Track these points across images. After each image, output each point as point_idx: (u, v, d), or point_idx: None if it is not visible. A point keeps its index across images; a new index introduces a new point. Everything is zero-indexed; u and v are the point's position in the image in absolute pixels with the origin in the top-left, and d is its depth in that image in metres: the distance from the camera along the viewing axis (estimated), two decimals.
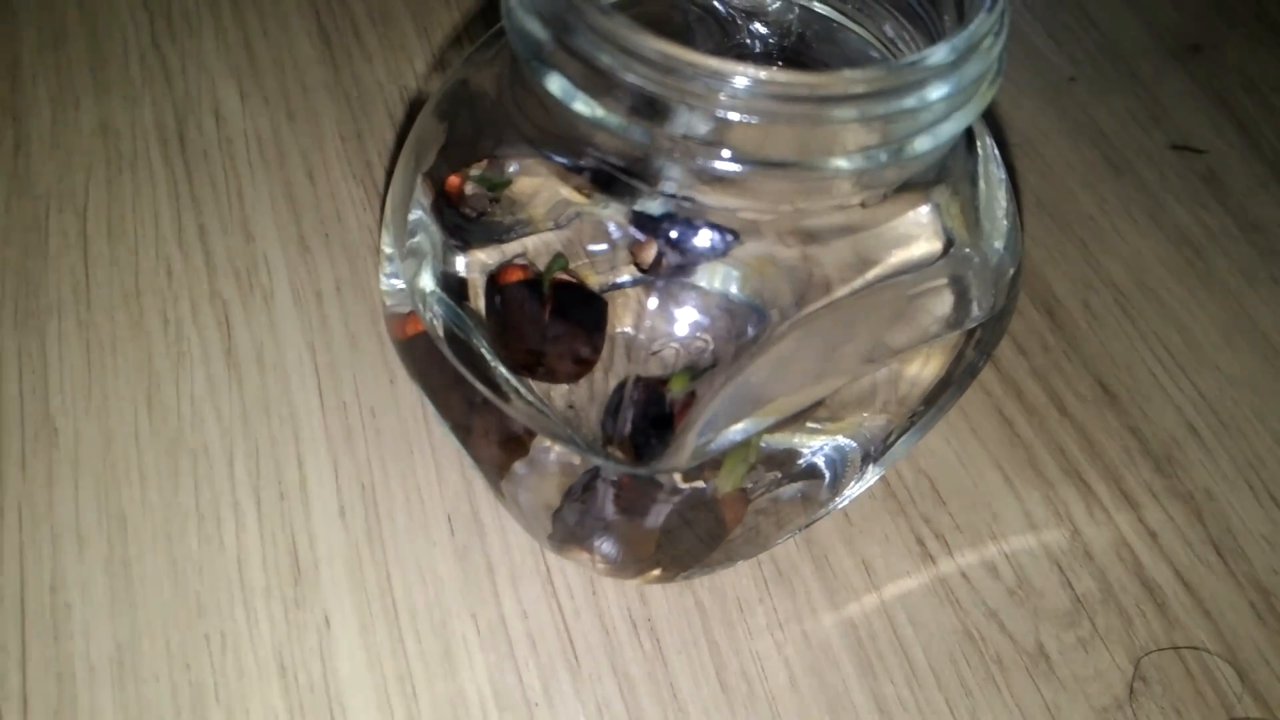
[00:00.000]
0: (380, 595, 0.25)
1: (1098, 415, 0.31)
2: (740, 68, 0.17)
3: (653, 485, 0.23)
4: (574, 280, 0.26)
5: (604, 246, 0.25)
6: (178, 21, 0.36)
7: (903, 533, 0.28)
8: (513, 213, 0.25)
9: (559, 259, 0.25)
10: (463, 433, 0.25)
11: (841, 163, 0.18)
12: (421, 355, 0.25)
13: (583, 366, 0.25)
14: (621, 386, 0.24)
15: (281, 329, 0.29)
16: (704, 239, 0.21)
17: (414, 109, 0.35)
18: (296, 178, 0.32)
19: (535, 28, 0.19)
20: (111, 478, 0.26)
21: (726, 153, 0.18)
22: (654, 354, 0.25)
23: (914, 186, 0.20)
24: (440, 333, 0.24)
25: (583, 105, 0.18)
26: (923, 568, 0.27)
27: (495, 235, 0.25)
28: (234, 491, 0.27)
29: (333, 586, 0.25)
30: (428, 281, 0.24)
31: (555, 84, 0.19)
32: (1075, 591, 0.27)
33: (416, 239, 0.24)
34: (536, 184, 0.25)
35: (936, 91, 0.17)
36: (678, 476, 0.23)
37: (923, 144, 0.18)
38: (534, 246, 0.25)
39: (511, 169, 0.25)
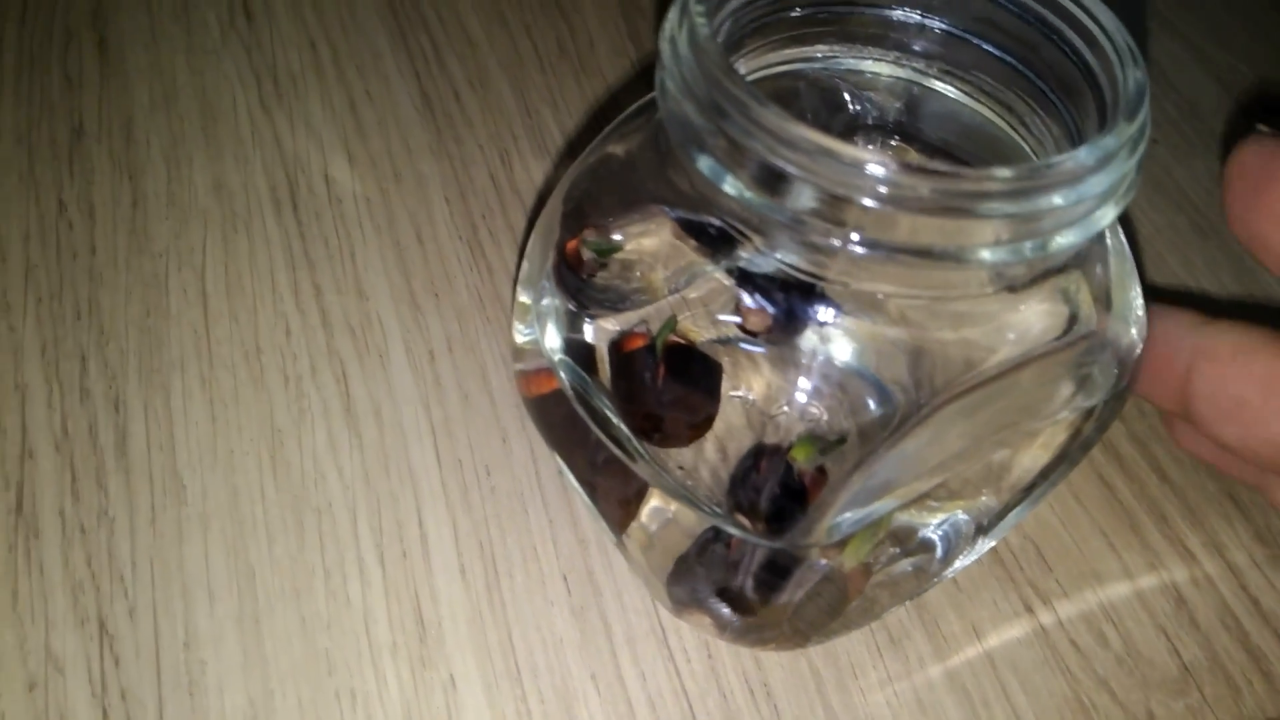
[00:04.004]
0: (503, 654, 0.26)
1: (1196, 481, 0.31)
2: (895, 164, 0.17)
3: (792, 560, 0.23)
4: (686, 343, 0.26)
5: (729, 313, 0.25)
6: (284, 82, 0.37)
7: (1010, 599, 0.28)
8: (628, 279, 0.26)
9: (669, 321, 0.25)
10: (589, 489, 0.26)
11: (984, 254, 0.18)
12: (551, 412, 0.26)
13: (698, 430, 0.26)
14: (753, 456, 0.24)
15: (397, 387, 0.30)
16: (827, 313, 0.22)
17: (517, 172, 0.36)
18: (405, 238, 0.33)
19: (690, 111, 0.19)
20: (239, 534, 0.27)
21: (870, 238, 0.18)
22: (771, 418, 0.25)
23: (1049, 273, 0.21)
24: (571, 393, 0.25)
25: (730, 187, 0.19)
26: (1033, 635, 0.28)
27: (612, 302, 0.26)
28: (358, 548, 0.27)
29: (457, 645, 0.26)
30: (554, 344, 0.25)
31: (705, 164, 0.19)
32: (1183, 659, 0.28)
33: (544, 302, 0.25)
34: (654, 249, 0.26)
35: (1083, 191, 0.18)
36: (815, 551, 0.23)
37: (1066, 239, 0.19)
38: (655, 313, 0.26)
39: (616, 237, 0.26)
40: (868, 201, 0.18)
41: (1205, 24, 0.45)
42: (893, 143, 0.26)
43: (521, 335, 0.26)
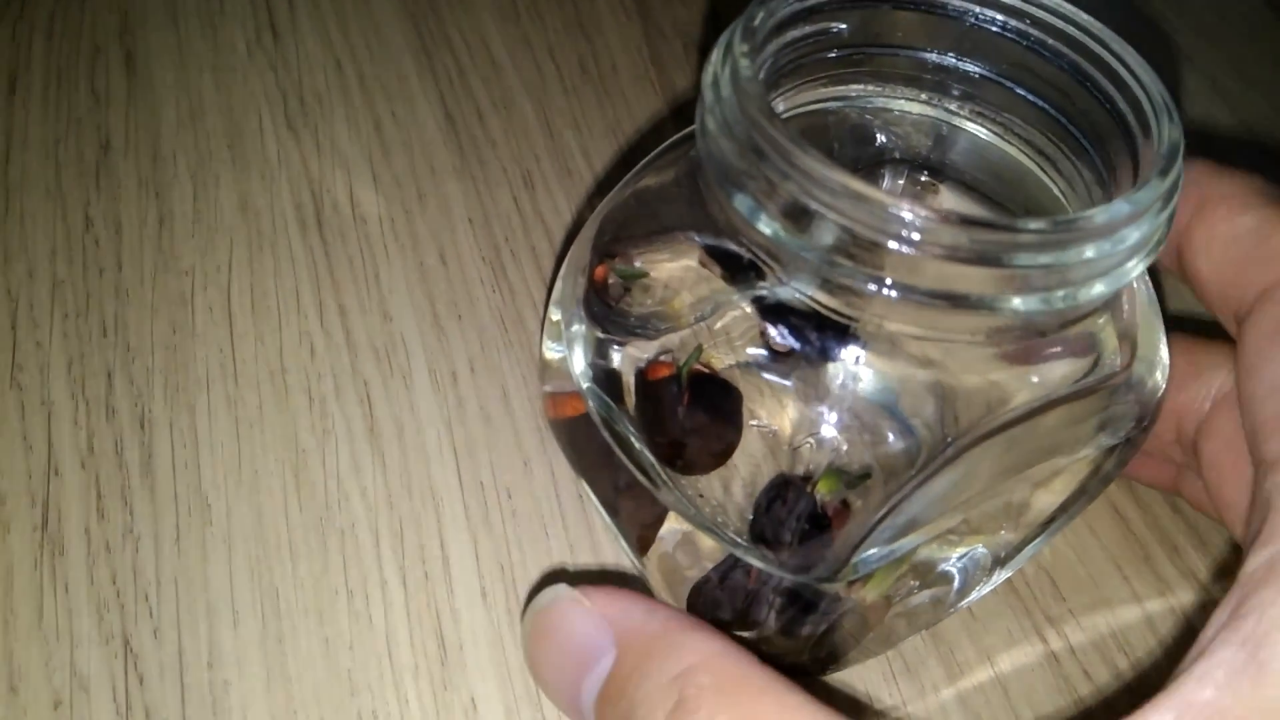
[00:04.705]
0: (523, 677, 0.26)
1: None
2: (930, 213, 0.18)
3: (815, 593, 0.23)
4: (710, 372, 0.26)
5: (755, 345, 0.25)
6: (309, 101, 0.38)
7: (1024, 627, 0.28)
8: (654, 306, 0.26)
9: (696, 351, 0.26)
10: (611, 511, 0.26)
11: (1015, 303, 0.19)
12: (577, 435, 0.26)
13: (720, 458, 0.26)
14: (775, 488, 0.24)
15: (420, 408, 0.30)
16: (854, 349, 0.22)
17: (537, 194, 0.36)
18: (429, 259, 0.34)
19: (730, 151, 0.20)
20: (263, 554, 0.27)
21: (901, 282, 0.18)
22: (794, 450, 0.26)
23: (1078, 318, 0.21)
24: (598, 419, 0.25)
25: (766, 226, 0.19)
26: (1046, 663, 0.28)
27: (637, 329, 0.26)
28: (381, 570, 0.27)
29: (478, 667, 0.26)
30: (582, 370, 0.25)
31: (742, 203, 0.20)
32: None
33: (574, 328, 0.25)
34: (679, 277, 0.26)
35: (1115, 244, 0.18)
36: (841, 585, 0.23)
37: (1096, 290, 0.19)
38: (680, 342, 0.26)
39: (639, 264, 0.26)
40: (901, 248, 0.18)
41: (1221, 54, 0.45)
42: (921, 178, 0.27)
43: (552, 352, 0.27)
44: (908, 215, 0.18)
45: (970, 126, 0.25)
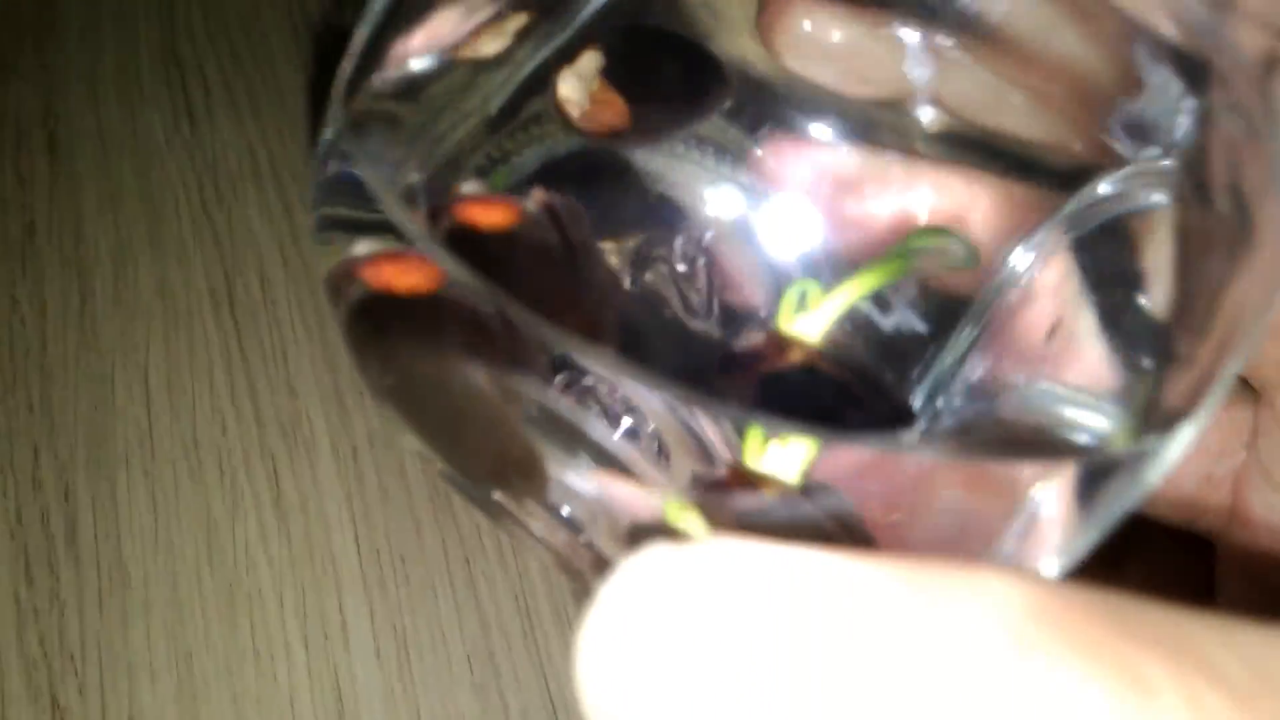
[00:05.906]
0: None
1: None
2: None
3: None
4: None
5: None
6: (224, 187, 0.41)
7: None
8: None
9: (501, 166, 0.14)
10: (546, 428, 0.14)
11: None
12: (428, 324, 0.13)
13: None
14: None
15: (322, 481, 0.34)
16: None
17: None
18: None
19: None
20: (178, 618, 0.31)
21: None
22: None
23: None
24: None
25: None
26: None
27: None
28: (285, 632, 0.31)
29: (371, 719, 0.30)
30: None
31: None
32: None
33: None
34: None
35: None
36: None
37: None
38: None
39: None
40: None
41: None
42: None
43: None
44: None
45: None
